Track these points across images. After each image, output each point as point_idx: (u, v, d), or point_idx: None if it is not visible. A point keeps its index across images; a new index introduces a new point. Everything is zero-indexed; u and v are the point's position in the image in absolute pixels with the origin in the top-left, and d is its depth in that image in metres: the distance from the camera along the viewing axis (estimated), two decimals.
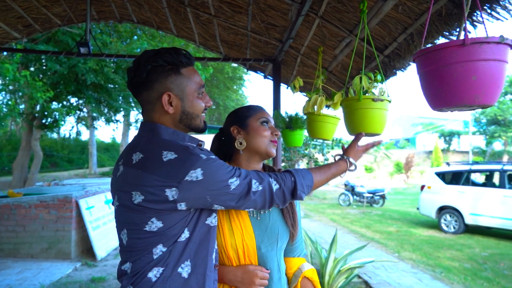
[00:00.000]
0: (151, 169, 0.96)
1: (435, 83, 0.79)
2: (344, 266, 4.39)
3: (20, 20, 3.65)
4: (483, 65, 0.72)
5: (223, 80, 26.01)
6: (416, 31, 2.03)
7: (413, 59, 0.84)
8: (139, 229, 0.99)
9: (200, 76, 1.12)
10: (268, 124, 1.32)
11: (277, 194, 1.07)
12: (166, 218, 0.99)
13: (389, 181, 24.85)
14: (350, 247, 6.49)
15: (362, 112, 1.26)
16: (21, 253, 5.22)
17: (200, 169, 0.96)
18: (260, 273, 1.19)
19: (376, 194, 13.17)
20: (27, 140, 10.98)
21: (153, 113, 1.07)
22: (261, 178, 1.06)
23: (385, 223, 9.65)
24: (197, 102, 1.10)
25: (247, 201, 1.03)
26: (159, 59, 1.04)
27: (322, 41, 2.70)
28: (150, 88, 1.05)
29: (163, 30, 3.98)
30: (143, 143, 1.03)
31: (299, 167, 9.91)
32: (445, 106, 0.79)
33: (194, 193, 0.97)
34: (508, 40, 0.74)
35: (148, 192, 0.96)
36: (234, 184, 1.00)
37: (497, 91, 0.74)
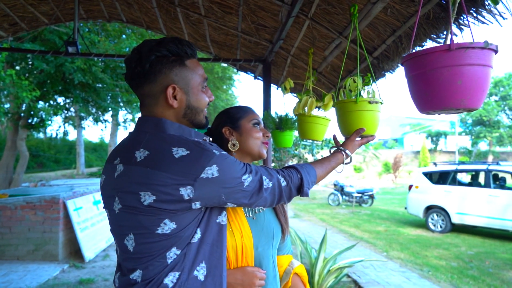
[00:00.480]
0: (162, 167, 0.90)
1: (422, 86, 0.81)
2: (334, 266, 4.43)
3: (6, 18, 3.58)
4: (468, 70, 0.74)
5: (212, 80, 25.91)
6: (405, 34, 2.06)
7: (401, 63, 0.86)
8: (151, 233, 0.92)
9: (202, 68, 1.07)
10: (259, 125, 1.33)
11: (285, 190, 1.06)
12: (179, 218, 0.93)
13: (377, 181, 25.12)
14: (340, 246, 6.55)
15: (358, 114, 1.27)
16: (7, 255, 5.12)
17: (215, 165, 0.91)
18: (258, 274, 1.20)
19: (365, 194, 13.31)
20: (13, 140, 10.76)
21: (155, 108, 1.00)
22: (271, 175, 1.04)
23: (374, 223, 9.76)
24: (202, 96, 1.04)
25: (259, 198, 1.00)
26: (163, 49, 0.97)
27: (312, 42, 2.72)
28: (153, 80, 0.98)
29: (152, 30, 3.95)
30: (147, 140, 0.96)
31: None
32: (432, 109, 0.81)
33: (210, 190, 0.92)
34: (492, 45, 0.76)
35: (160, 192, 0.89)
36: (247, 181, 0.97)
37: (482, 95, 0.76)
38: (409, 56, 0.84)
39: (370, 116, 1.28)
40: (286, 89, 2.00)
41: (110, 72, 9.64)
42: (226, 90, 29.28)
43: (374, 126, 1.30)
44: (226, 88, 29.03)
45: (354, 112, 1.28)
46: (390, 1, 1.88)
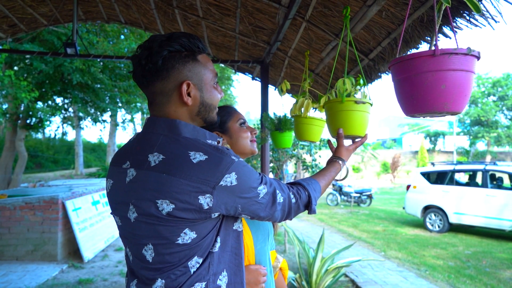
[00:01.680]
0: (179, 173, 0.84)
1: (408, 90, 0.84)
2: (332, 265, 4.46)
3: (5, 19, 3.61)
4: (451, 75, 0.77)
5: None
6: (399, 36, 2.09)
7: (388, 67, 0.88)
8: (171, 243, 0.88)
9: (213, 64, 1.02)
10: (245, 124, 1.36)
11: (293, 207, 1.03)
12: (199, 228, 0.89)
13: (376, 181, 25.19)
14: (338, 246, 6.58)
15: (344, 114, 1.29)
16: (6, 256, 5.13)
17: (234, 173, 0.87)
18: (262, 271, 1.23)
19: (363, 194, 13.36)
20: (11, 140, 10.77)
21: (168, 106, 0.94)
22: (282, 189, 1.00)
23: (372, 223, 9.79)
24: (215, 93, 1.00)
25: (272, 212, 0.97)
26: (175, 44, 0.91)
27: (309, 44, 2.75)
28: (166, 77, 0.92)
29: (151, 31, 3.98)
30: (161, 142, 0.90)
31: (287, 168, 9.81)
32: (417, 112, 0.84)
33: (227, 200, 0.88)
34: (475, 51, 0.79)
35: (179, 200, 0.84)
36: (262, 192, 0.94)
37: (465, 99, 0.79)
38: (395, 60, 0.86)
39: (356, 116, 1.29)
40: (282, 91, 2.03)
41: (108, 73, 9.66)
42: (225, 90, 29.33)
43: (361, 127, 1.31)
44: (225, 88, 29.09)
45: (341, 112, 1.30)
46: (385, 4, 1.91)
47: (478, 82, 30.38)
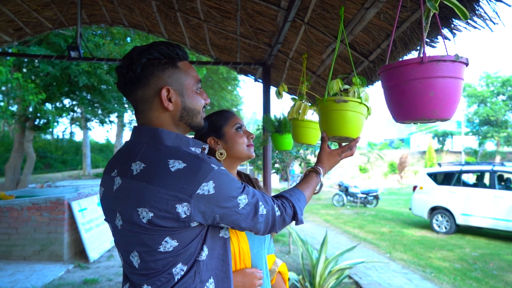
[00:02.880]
0: (157, 181, 0.85)
1: (397, 97, 0.84)
2: (335, 267, 4.44)
3: (11, 23, 3.67)
4: (440, 82, 0.77)
5: (217, 81, 25.99)
6: (398, 38, 2.08)
7: (378, 73, 0.88)
8: (153, 251, 0.89)
9: (195, 71, 1.03)
10: (242, 128, 1.35)
11: (278, 220, 1.02)
12: (181, 236, 0.89)
13: (383, 181, 25.02)
14: (343, 247, 6.56)
15: (329, 114, 1.27)
16: (14, 256, 5.21)
17: (212, 181, 0.87)
18: (257, 274, 1.25)
19: (370, 194, 13.27)
20: (20, 141, 10.93)
21: (151, 112, 0.96)
22: (266, 201, 0.99)
23: (378, 224, 9.73)
24: (197, 98, 1.00)
25: (253, 223, 0.95)
26: (154, 52, 0.94)
27: (309, 46, 2.75)
28: (146, 84, 0.94)
29: (154, 34, 4.01)
30: (144, 151, 0.92)
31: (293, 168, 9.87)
32: (406, 119, 0.83)
33: (205, 209, 0.87)
34: (463, 58, 0.78)
35: (157, 208, 0.85)
36: (242, 203, 0.92)
37: (454, 106, 0.79)
38: (384, 67, 0.86)
39: (340, 116, 1.24)
40: (280, 94, 2.04)
41: (115, 74, 9.75)
42: (231, 91, 29.38)
43: (343, 127, 1.25)
44: (231, 89, 29.14)
45: (324, 113, 1.29)
46: (383, 6, 1.91)
47: (487, 81, 30.00)
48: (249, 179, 1.50)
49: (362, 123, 1.33)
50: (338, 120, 1.27)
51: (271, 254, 1.50)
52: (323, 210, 12.48)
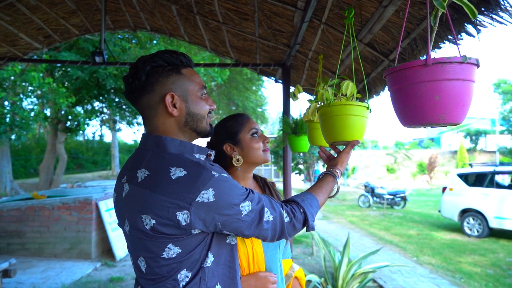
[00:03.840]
0: (159, 189, 0.87)
1: (402, 101, 0.80)
2: (359, 270, 4.35)
3: (41, 31, 3.83)
4: (446, 85, 0.73)
5: (241, 82, 26.12)
6: (419, 36, 2.01)
7: (384, 76, 0.85)
8: (157, 257, 0.91)
9: (200, 77, 1.05)
10: (257, 133, 1.34)
11: (287, 227, 0.99)
12: (183, 243, 0.90)
13: (411, 182, 24.30)
14: (368, 250, 6.41)
15: (337, 118, 1.27)
16: (46, 253, 5.45)
17: (212, 189, 0.86)
18: (271, 278, 1.25)
19: (397, 195, 12.91)
20: (52, 143, 11.43)
21: (156, 119, 0.98)
22: (273, 208, 0.97)
23: (405, 226, 9.46)
24: (202, 103, 1.01)
25: (258, 231, 0.94)
26: (157, 59, 0.97)
27: (328, 46, 2.71)
28: (151, 91, 0.96)
29: (175, 37, 4.07)
30: (148, 158, 0.94)
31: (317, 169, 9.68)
32: (412, 124, 0.80)
33: (205, 216, 0.87)
34: (472, 59, 0.74)
35: (159, 216, 0.86)
36: (245, 210, 0.91)
37: (463, 109, 0.74)
38: (389, 70, 0.83)
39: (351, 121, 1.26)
40: (295, 95, 2.01)
41: None
42: (255, 91, 29.44)
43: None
44: (255, 89, 29.20)
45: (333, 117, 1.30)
46: (401, 4, 1.84)
47: None
48: (265, 183, 1.49)
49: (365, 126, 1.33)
50: (346, 125, 1.25)
51: (287, 258, 1.48)
52: (348, 211, 12.27)
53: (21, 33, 3.70)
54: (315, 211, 1.07)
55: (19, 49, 3.98)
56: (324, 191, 1.14)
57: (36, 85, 7.56)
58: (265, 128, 30.96)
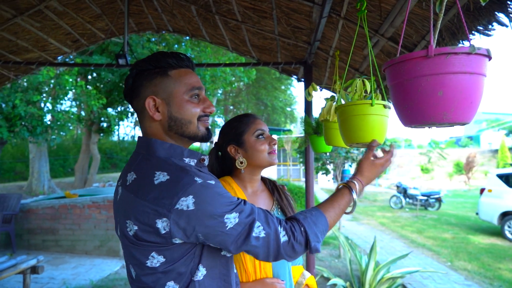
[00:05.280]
0: (141, 194, 0.84)
1: (401, 98, 0.71)
2: (387, 275, 4.18)
3: (69, 36, 3.96)
4: (450, 79, 0.63)
5: (270, 81, 26.09)
6: (445, 28, 1.86)
7: (382, 70, 0.77)
8: (141, 264, 0.87)
9: (196, 78, 0.97)
10: (264, 134, 1.30)
11: (284, 247, 0.88)
12: (167, 252, 0.85)
13: (448, 182, 23.23)
14: (398, 253, 6.17)
15: (356, 119, 1.16)
16: (77, 250, 5.66)
17: (192, 196, 0.80)
18: (278, 285, 1.21)
19: (431, 196, 12.37)
20: (86, 144, 11.91)
21: (144, 122, 0.96)
22: (268, 223, 0.87)
23: (440, 229, 9.03)
24: (187, 106, 0.93)
25: (245, 247, 0.85)
26: (145, 63, 0.94)
27: (349, 42, 2.60)
28: (137, 95, 0.95)
29: (197, 38, 4.08)
30: (138, 162, 0.92)
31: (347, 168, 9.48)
32: (413, 123, 0.71)
33: (185, 226, 0.81)
34: (481, 49, 0.64)
35: (140, 222, 0.83)
36: (231, 222, 0.82)
37: (470, 107, 0.64)
38: (387, 63, 0.74)
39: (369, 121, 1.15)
40: (309, 94, 1.93)
41: None
42: (284, 90, 29.30)
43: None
44: (284, 88, 29.04)
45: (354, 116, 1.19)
46: None
47: None
48: (274, 186, 1.43)
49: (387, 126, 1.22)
50: (367, 126, 1.15)
51: (298, 265, 1.42)
52: (379, 212, 11.89)
53: (51, 38, 3.84)
54: (321, 230, 0.93)
55: (49, 53, 4.14)
56: (336, 206, 1.00)
57: (69, 88, 7.90)
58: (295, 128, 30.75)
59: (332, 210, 0.99)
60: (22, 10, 3.28)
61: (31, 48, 3.88)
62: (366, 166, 1.08)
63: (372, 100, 1.09)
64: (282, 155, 21.19)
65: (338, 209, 1.00)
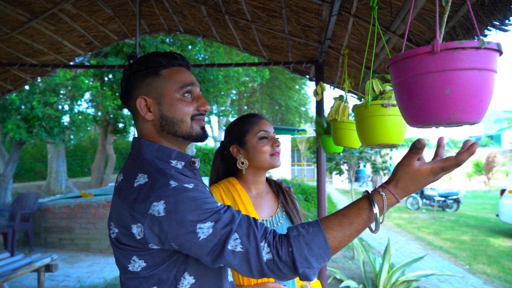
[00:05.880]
0: (122, 196, 0.82)
1: (406, 96, 0.67)
2: (401, 278, 4.10)
3: (82, 38, 4.02)
4: (458, 76, 0.59)
5: (284, 81, 25.97)
6: (459, 24, 1.80)
7: (386, 67, 0.73)
8: (125, 268, 0.85)
9: (188, 75, 0.94)
10: (267, 136, 1.27)
11: (269, 266, 0.75)
12: (148, 257, 0.82)
13: (467, 183, 22.66)
14: (414, 255, 6.04)
15: (372, 119, 1.13)
16: (92, 248, 5.76)
17: (163, 201, 0.75)
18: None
19: (449, 197, 12.07)
20: (103, 144, 12.12)
21: (137, 123, 0.95)
22: (248, 236, 0.76)
23: (458, 230, 8.81)
24: (179, 105, 0.90)
25: (222, 261, 0.76)
26: (137, 64, 0.93)
27: (361, 40, 2.55)
28: (130, 96, 0.94)
29: (208, 38, 4.08)
30: (127, 163, 0.91)
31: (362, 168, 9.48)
32: (419, 123, 0.67)
33: (159, 232, 0.76)
34: (492, 44, 0.60)
35: (120, 225, 0.81)
36: (204, 232, 0.74)
37: (480, 105, 0.60)
38: (390, 60, 0.71)
39: (383, 122, 1.13)
40: (318, 94, 1.90)
41: None
42: (298, 90, 29.14)
43: (388, 133, 1.12)
44: (298, 88, 28.89)
45: (367, 117, 1.16)
46: None
47: None
48: (279, 188, 1.41)
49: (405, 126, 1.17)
50: (383, 127, 1.12)
51: None
52: (395, 213, 11.69)
53: (65, 41, 3.91)
54: (315, 254, 0.75)
55: (64, 56, 4.22)
56: (345, 224, 0.78)
57: (85, 90, 8.06)
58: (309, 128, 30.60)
59: (339, 230, 0.77)
60: (37, 14, 3.34)
61: (46, 50, 3.95)
62: (404, 173, 0.77)
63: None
64: (296, 155, 21.09)
65: (349, 228, 0.77)
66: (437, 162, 0.75)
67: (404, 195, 0.79)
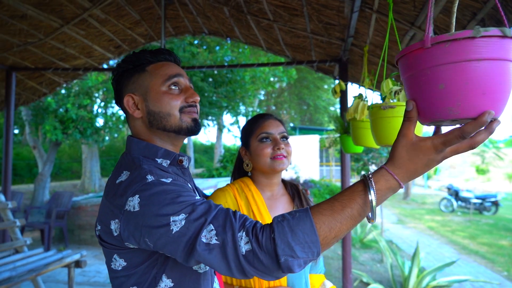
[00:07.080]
0: (106, 193, 0.82)
1: (408, 95, 0.64)
2: (432, 283, 3.95)
3: (111, 42, 4.16)
4: (451, 69, 0.55)
5: (312, 80, 25.71)
6: (488, 16, 1.70)
7: (395, 62, 0.70)
8: (109, 267, 0.85)
9: (174, 67, 0.92)
10: (270, 138, 1.24)
11: (248, 258, 0.66)
12: (128, 256, 0.81)
13: (507, 184, 21.47)
14: (447, 260, 5.79)
15: (378, 121, 1.10)
16: None
17: (138, 196, 0.73)
18: None
19: (487, 199, 11.48)
20: None
21: (129, 122, 0.95)
22: (224, 227, 0.68)
23: (496, 235, 8.36)
24: (165, 98, 0.88)
25: (196, 256, 0.68)
26: (124, 63, 0.92)
27: (384, 36, 2.47)
28: (121, 96, 0.93)
29: (232, 39, 4.11)
30: (118, 161, 0.91)
31: None
32: (423, 121, 0.63)
33: (133, 229, 0.73)
34: (493, 30, 0.54)
35: (102, 222, 0.80)
36: (176, 225, 0.69)
37: (483, 99, 0.55)
38: (396, 57, 0.67)
39: (386, 123, 1.12)
40: (336, 92, 1.86)
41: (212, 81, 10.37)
42: (327, 90, 28.75)
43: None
44: (327, 87, 28.49)
45: (374, 119, 1.13)
46: None
47: None
48: (296, 190, 1.37)
49: (421, 126, 1.13)
50: (392, 128, 1.10)
51: (319, 273, 1.35)
52: (427, 215, 11.26)
53: (95, 45, 4.06)
54: (301, 240, 0.65)
55: (95, 59, 4.39)
56: (337, 208, 0.68)
57: None
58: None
59: (329, 214, 0.67)
60: (68, 20, 3.49)
61: (78, 55, 4.13)
62: (401, 147, 0.67)
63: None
64: (324, 155, 20.83)
65: (340, 213, 0.67)
66: (438, 135, 0.64)
67: (405, 176, 0.67)
